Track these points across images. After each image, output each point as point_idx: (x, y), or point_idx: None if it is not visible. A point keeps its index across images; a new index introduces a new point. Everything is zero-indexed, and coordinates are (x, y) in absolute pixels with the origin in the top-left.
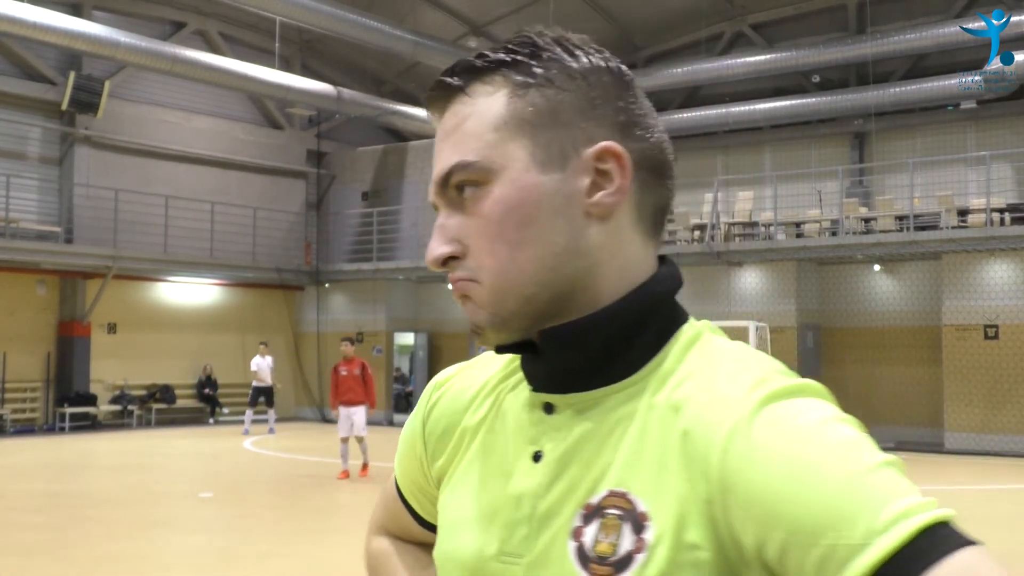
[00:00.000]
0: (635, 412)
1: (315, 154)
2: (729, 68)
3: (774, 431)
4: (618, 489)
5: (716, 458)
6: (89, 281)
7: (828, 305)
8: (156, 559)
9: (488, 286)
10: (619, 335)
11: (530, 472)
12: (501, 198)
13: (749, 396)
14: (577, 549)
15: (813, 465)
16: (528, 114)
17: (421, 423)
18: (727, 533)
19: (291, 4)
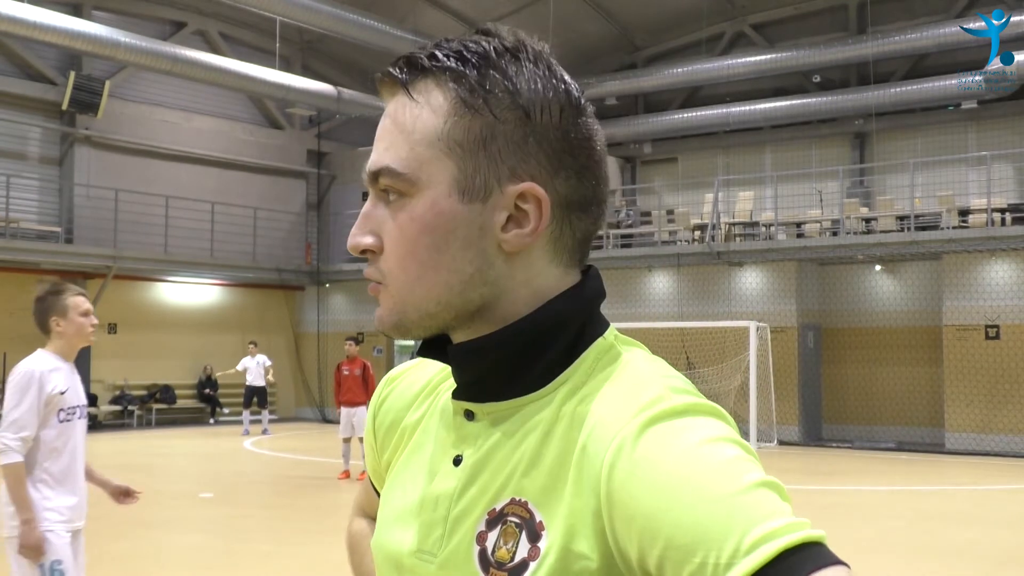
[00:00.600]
0: (542, 423)
1: (315, 154)
2: (730, 68)
3: (656, 451)
4: (519, 498)
5: (604, 474)
6: (89, 281)
7: (829, 305)
8: (156, 559)
9: (394, 295)
10: (524, 350)
11: (449, 475)
12: (419, 218)
13: (638, 416)
14: (480, 553)
15: (688, 484)
16: (462, 138)
17: (372, 416)
18: (614, 545)
19: (291, 4)
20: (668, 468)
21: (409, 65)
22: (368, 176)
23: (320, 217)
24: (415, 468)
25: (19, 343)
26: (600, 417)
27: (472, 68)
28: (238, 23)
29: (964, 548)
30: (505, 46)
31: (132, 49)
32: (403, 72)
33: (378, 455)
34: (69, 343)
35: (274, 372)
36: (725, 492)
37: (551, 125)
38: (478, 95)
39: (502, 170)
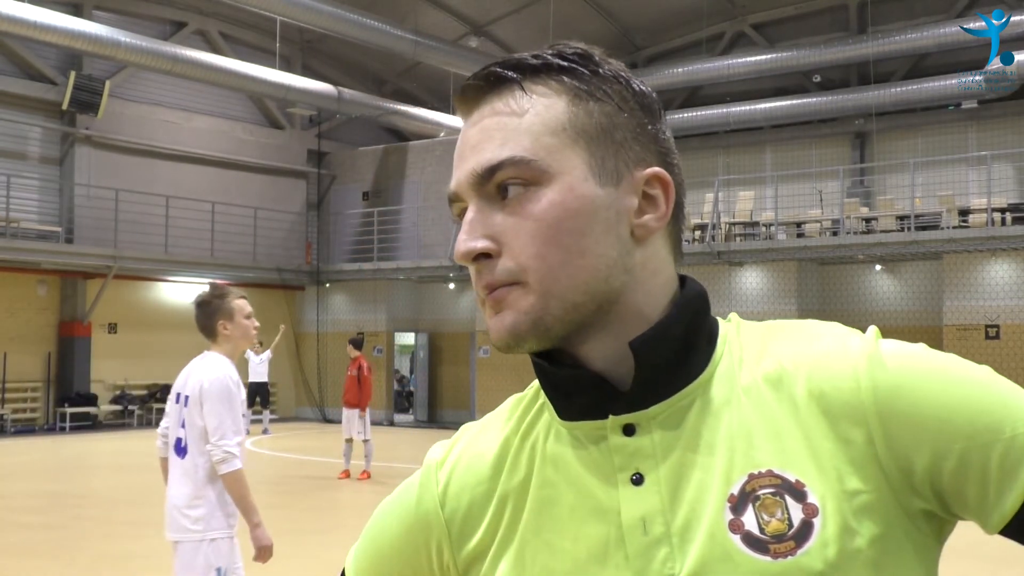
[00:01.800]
0: (730, 401)
1: (316, 154)
2: (730, 68)
3: (907, 362)
4: (758, 470)
5: (867, 399)
6: (90, 281)
7: (829, 305)
8: (156, 559)
9: (536, 290)
10: (688, 335)
11: (639, 495)
12: (558, 202)
13: (857, 341)
14: (744, 538)
15: (959, 377)
16: (588, 125)
17: (437, 506)
18: (892, 466)
19: (292, 4)
20: (930, 371)
21: (516, 66)
22: (475, 177)
23: (320, 217)
24: (558, 524)
25: (19, 343)
26: (809, 363)
27: (581, 64)
28: (238, 23)
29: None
30: (596, 52)
31: (132, 49)
32: (513, 72)
33: (450, 550)
34: (235, 346)
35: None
36: (987, 376)
37: (656, 122)
38: (596, 85)
39: (629, 156)
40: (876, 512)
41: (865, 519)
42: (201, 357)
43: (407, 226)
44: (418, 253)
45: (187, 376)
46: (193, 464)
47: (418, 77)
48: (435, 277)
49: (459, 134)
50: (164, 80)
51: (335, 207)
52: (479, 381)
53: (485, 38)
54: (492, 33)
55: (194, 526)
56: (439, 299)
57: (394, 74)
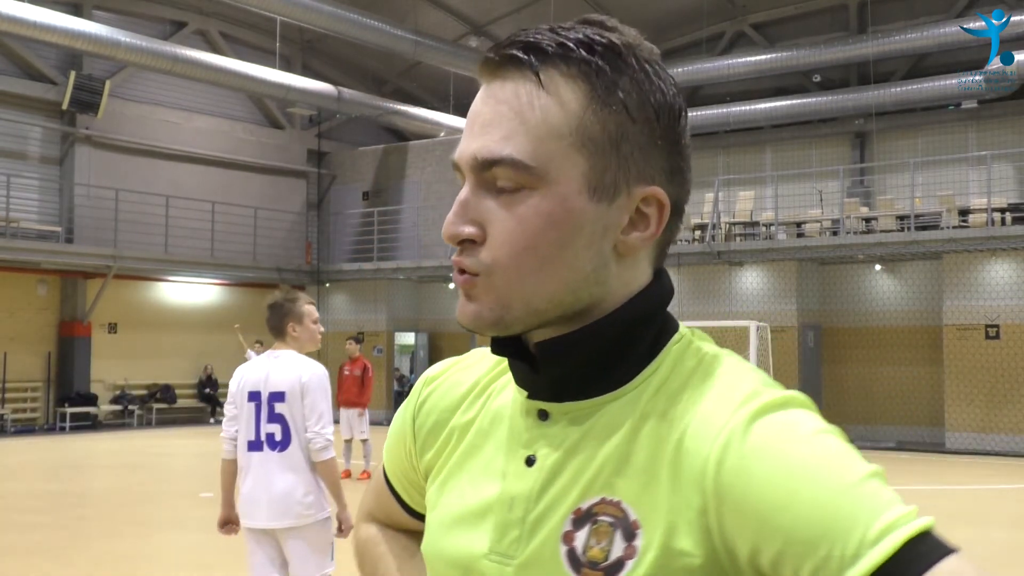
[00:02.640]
0: (627, 421)
1: (316, 154)
2: (730, 68)
3: (766, 444)
4: (611, 497)
5: (711, 470)
6: (90, 281)
7: (829, 305)
8: (156, 559)
9: (502, 288)
10: (610, 347)
11: (523, 476)
12: (545, 211)
13: (741, 410)
14: (568, 553)
15: (805, 478)
16: (595, 134)
17: (412, 416)
18: (720, 542)
19: (292, 4)
20: (781, 463)
21: (535, 49)
22: (474, 163)
23: (320, 217)
24: (473, 470)
25: (19, 343)
26: (698, 413)
27: (604, 62)
28: (238, 23)
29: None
30: (628, 41)
31: (132, 49)
32: (532, 56)
33: (415, 458)
34: (302, 347)
35: None
36: (842, 485)
37: (672, 134)
38: (613, 92)
39: (631, 171)
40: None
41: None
42: (274, 356)
43: (407, 226)
44: (418, 253)
45: (267, 375)
46: (296, 454)
47: (418, 77)
48: (435, 277)
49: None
50: (164, 80)
51: (335, 207)
52: None
53: (485, 38)
54: (492, 33)
55: (309, 511)
56: (439, 299)
57: (394, 74)
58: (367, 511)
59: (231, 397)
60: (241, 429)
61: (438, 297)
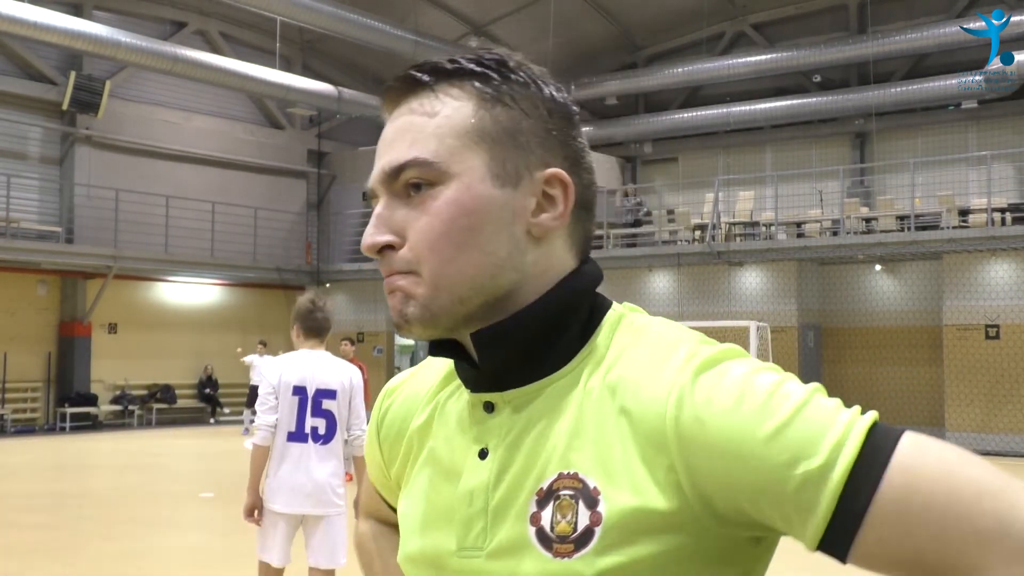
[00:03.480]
0: (574, 399)
1: (316, 154)
2: (730, 68)
3: (715, 393)
4: (567, 471)
5: (670, 428)
6: (90, 281)
7: (829, 305)
8: (156, 559)
9: (426, 280)
10: (543, 331)
11: (478, 468)
12: (453, 200)
13: (685, 368)
14: (537, 532)
15: (760, 410)
16: (491, 129)
17: (376, 429)
18: (693, 494)
19: (292, 4)
20: (735, 404)
21: (432, 70)
22: (384, 175)
23: (320, 217)
24: (432, 474)
25: (19, 343)
26: (640, 380)
27: (494, 70)
28: (239, 23)
29: None
30: (516, 57)
31: (133, 49)
32: (427, 75)
33: (385, 469)
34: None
35: None
36: (794, 406)
37: (565, 128)
38: (504, 93)
39: (531, 158)
40: (673, 531)
41: (655, 536)
42: (318, 356)
43: None
44: None
45: (312, 372)
46: (336, 448)
47: None
48: None
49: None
50: (164, 80)
51: (335, 207)
52: None
53: (485, 38)
54: (492, 33)
55: (340, 501)
56: None
57: (394, 74)
58: (364, 508)
59: (271, 388)
60: (281, 420)
61: None
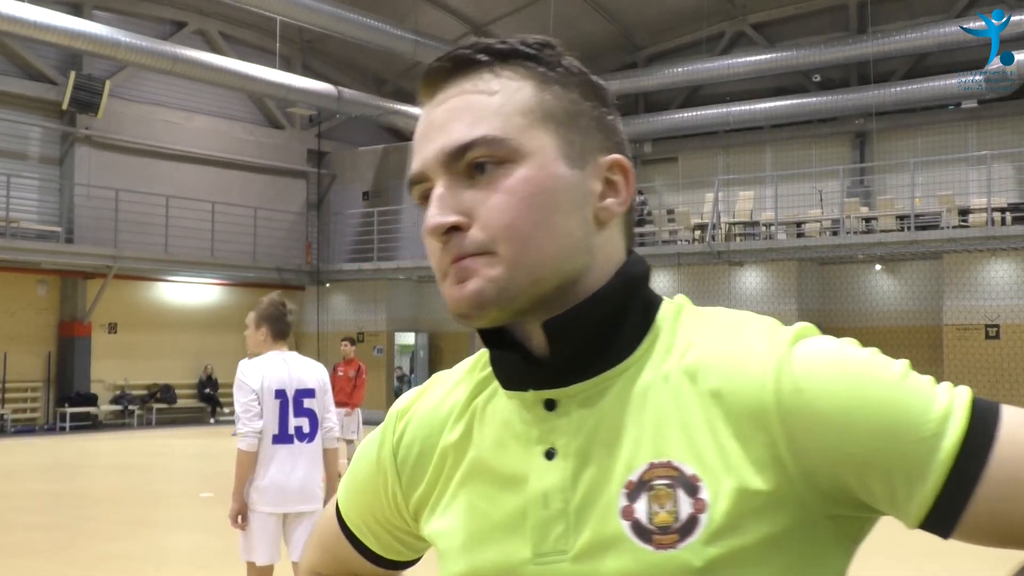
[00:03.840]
0: (648, 388)
1: (316, 154)
2: (730, 68)
3: (814, 365)
4: (659, 460)
5: (770, 404)
6: (90, 281)
7: (829, 305)
8: (156, 559)
9: (504, 259)
10: (610, 319)
11: (548, 470)
12: (530, 178)
13: (773, 345)
14: (633, 526)
15: (865, 381)
16: (555, 109)
17: (391, 453)
18: (796, 470)
19: (292, 4)
20: (838, 375)
21: (486, 50)
22: (445, 156)
23: (320, 217)
24: (483, 486)
25: (19, 343)
26: (727, 359)
27: (545, 52)
28: (238, 23)
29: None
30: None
31: (132, 49)
32: (483, 55)
33: (400, 497)
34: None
35: None
36: (897, 377)
37: (615, 115)
38: (559, 76)
39: (594, 143)
40: (774, 512)
41: (759, 518)
42: (291, 356)
43: (407, 226)
44: (418, 253)
45: (289, 373)
46: (319, 445)
47: (418, 77)
48: (435, 277)
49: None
50: (164, 80)
51: (335, 207)
52: None
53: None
54: (492, 33)
55: (323, 496)
56: (439, 299)
57: (394, 74)
58: (310, 568)
59: (254, 394)
60: (266, 424)
61: (438, 297)
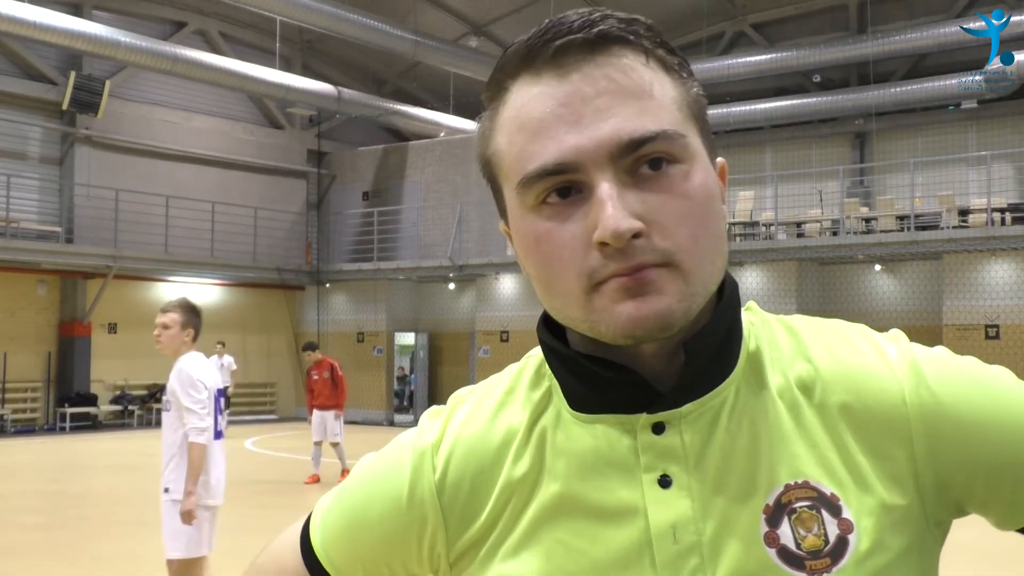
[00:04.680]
0: (761, 403)
1: (316, 154)
2: (730, 68)
3: (944, 376)
4: (795, 481)
5: (912, 416)
6: (90, 281)
7: (829, 305)
8: (156, 559)
9: (687, 272)
10: (729, 332)
11: (668, 500)
12: (703, 184)
13: (890, 355)
14: (780, 553)
15: (998, 389)
16: (694, 106)
17: (432, 494)
18: (930, 483)
19: (292, 4)
20: (971, 385)
21: (635, 30)
22: (616, 148)
23: (320, 217)
24: (575, 519)
25: (19, 343)
26: (849, 370)
27: (662, 37)
28: (238, 23)
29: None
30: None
31: (132, 49)
32: (637, 38)
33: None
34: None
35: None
36: (1018, 382)
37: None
38: (684, 70)
39: (712, 144)
40: (907, 525)
41: (897, 533)
42: (212, 358)
43: (407, 226)
44: (418, 253)
45: (214, 373)
46: None
47: (418, 77)
48: (435, 277)
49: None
50: (164, 80)
51: (335, 207)
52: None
53: (485, 38)
54: (492, 33)
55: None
56: (439, 299)
57: (394, 74)
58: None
59: (207, 392)
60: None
61: (438, 297)
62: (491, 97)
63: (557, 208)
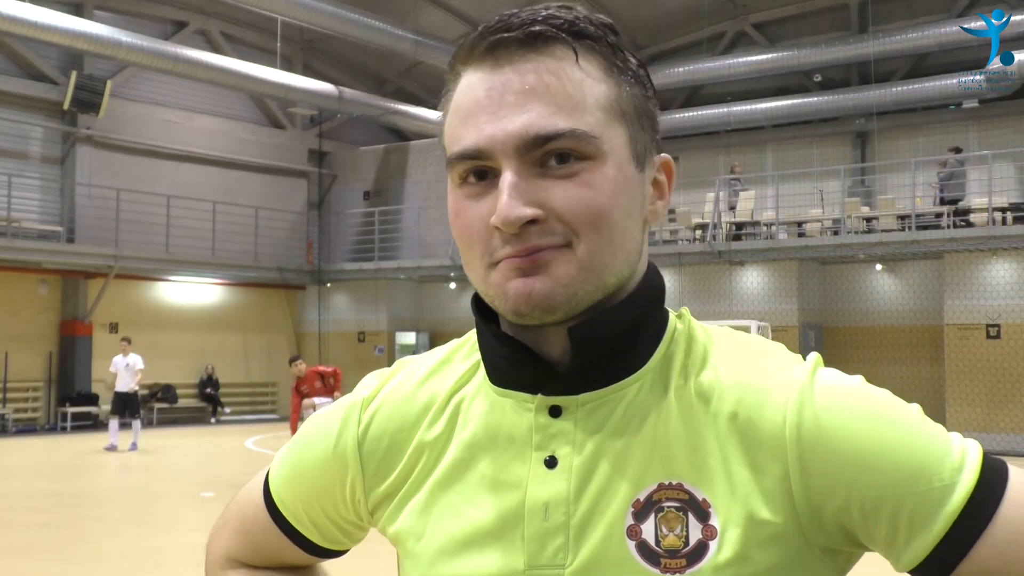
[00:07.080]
0: (659, 404)
1: (317, 153)
2: (731, 67)
3: (836, 402)
4: (669, 481)
5: (790, 435)
6: (91, 281)
7: (830, 304)
8: (156, 558)
9: (580, 258)
10: (633, 328)
11: (548, 479)
12: (612, 179)
13: (794, 376)
14: (639, 547)
15: (886, 424)
16: (627, 107)
17: (354, 445)
18: (803, 503)
19: (293, 3)
20: (859, 413)
21: (566, 28)
22: (524, 141)
23: (321, 216)
24: (468, 487)
25: (20, 343)
26: (746, 385)
27: (614, 37)
28: (239, 23)
29: None
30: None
31: (134, 49)
32: (567, 35)
33: (359, 489)
34: None
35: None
36: (915, 422)
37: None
38: (628, 66)
39: (649, 140)
40: (778, 543)
41: (764, 549)
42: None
43: (408, 225)
44: (419, 252)
45: None
46: None
47: (419, 77)
48: (436, 277)
49: (471, 80)
50: (165, 80)
51: (336, 207)
52: None
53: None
54: None
55: None
56: (440, 299)
57: (395, 74)
58: (225, 555)
59: None
60: None
61: (439, 297)
62: (447, 82)
63: (474, 189)
